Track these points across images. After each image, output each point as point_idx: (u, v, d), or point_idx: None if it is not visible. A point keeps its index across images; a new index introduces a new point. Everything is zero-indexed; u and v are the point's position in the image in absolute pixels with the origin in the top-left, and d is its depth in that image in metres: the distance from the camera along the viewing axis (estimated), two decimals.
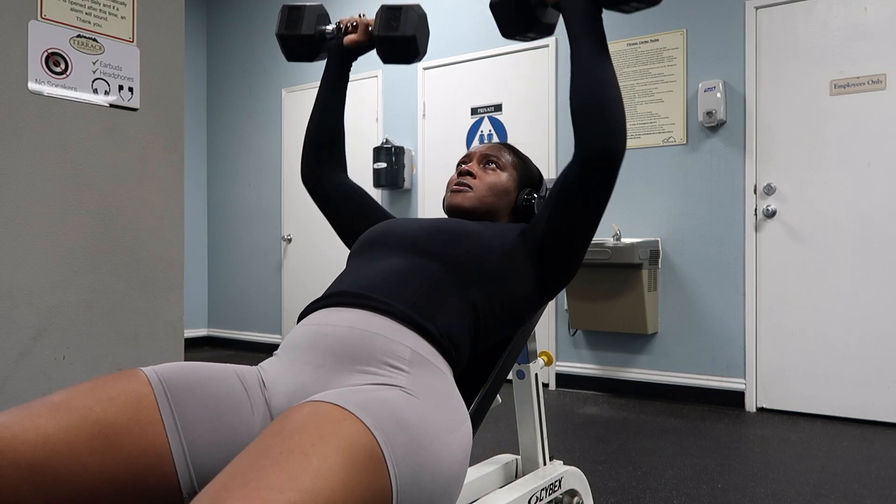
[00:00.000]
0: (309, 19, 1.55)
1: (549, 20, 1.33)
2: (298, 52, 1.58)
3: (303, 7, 1.56)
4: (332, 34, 1.56)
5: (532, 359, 1.73)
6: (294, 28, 1.55)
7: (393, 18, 1.45)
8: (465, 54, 4.58)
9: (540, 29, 1.32)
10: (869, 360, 3.31)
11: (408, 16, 1.45)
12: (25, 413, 0.86)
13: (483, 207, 1.39)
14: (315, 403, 0.86)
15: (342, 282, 1.19)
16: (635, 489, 2.39)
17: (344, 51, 1.54)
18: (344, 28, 1.55)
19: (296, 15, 1.56)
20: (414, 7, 1.46)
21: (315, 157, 1.55)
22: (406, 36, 1.44)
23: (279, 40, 1.58)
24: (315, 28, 1.55)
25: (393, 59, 1.50)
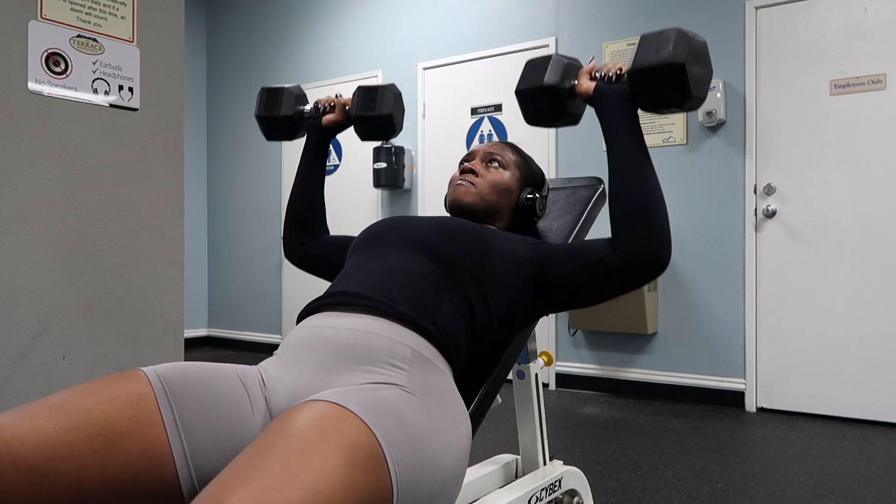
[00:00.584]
0: (287, 101, 1.59)
1: (578, 111, 1.30)
2: (278, 132, 1.62)
3: (281, 89, 1.60)
4: (310, 114, 1.61)
5: (532, 359, 1.73)
6: (273, 109, 1.59)
7: (370, 98, 1.49)
8: (465, 54, 4.58)
9: (567, 119, 1.30)
10: (869, 359, 3.31)
11: (384, 96, 1.49)
12: (25, 414, 0.86)
13: (484, 205, 1.39)
14: (315, 402, 0.86)
15: (342, 281, 1.19)
16: (635, 489, 2.39)
17: (322, 130, 1.58)
18: (322, 108, 1.59)
19: (275, 97, 1.60)
20: (389, 87, 1.50)
21: (298, 236, 1.59)
22: (383, 115, 1.48)
23: (258, 121, 1.62)
24: (293, 109, 1.59)
25: (370, 136, 1.54)
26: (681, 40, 1.09)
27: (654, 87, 1.12)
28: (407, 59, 4.84)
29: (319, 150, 1.59)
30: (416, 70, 4.79)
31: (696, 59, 1.09)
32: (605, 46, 4.02)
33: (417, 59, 4.79)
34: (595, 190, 1.66)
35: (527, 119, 1.31)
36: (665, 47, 1.09)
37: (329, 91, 5.24)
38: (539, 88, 1.24)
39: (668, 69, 1.08)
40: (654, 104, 1.14)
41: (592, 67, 1.25)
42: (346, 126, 1.58)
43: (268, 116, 1.60)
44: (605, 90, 1.20)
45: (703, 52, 1.11)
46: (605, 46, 4.03)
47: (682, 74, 1.08)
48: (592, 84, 1.23)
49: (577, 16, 4.14)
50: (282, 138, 1.63)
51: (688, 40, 1.09)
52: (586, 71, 1.25)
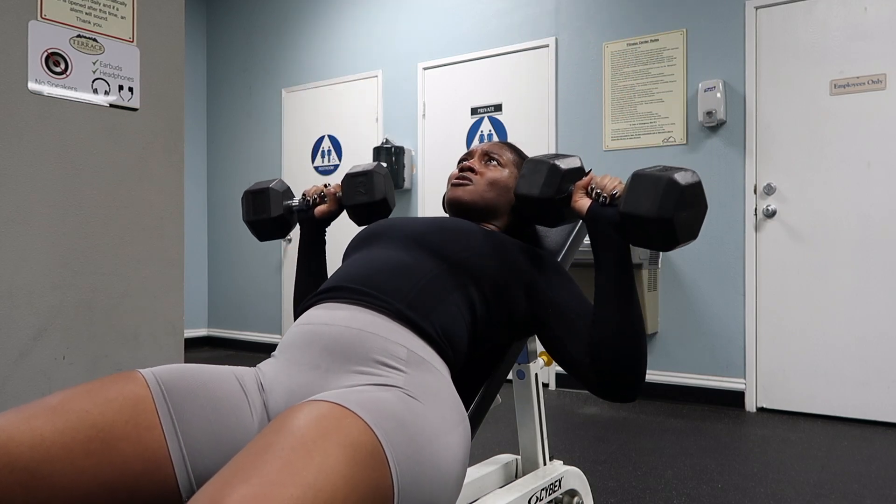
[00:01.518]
0: (274, 201, 1.55)
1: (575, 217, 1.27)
2: (270, 233, 1.59)
3: (266, 190, 1.56)
4: (299, 207, 1.57)
5: (532, 358, 1.73)
6: (262, 213, 1.56)
7: (361, 185, 1.47)
8: (464, 54, 4.58)
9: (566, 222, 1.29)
10: (869, 359, 3.31)
11: (374, 180, 1.46)
12: (22, 415, 0.85)
13: (483, 202, 1.38)
14: (315, 403, 0.86)
15: (339, 276, 1.18)
16: (635, 489, 2.39)
17: (317, 222, 1.55)
18: (311, 201, 1.56)
19: (261, 199, 1.56)
20: (377, 170, 1.47)
21: None
22: (377, 200, 1.46)
23: (249, 226, 1.59)
24: (282, 207, 1.56)
25: (365, 221, 1.52)
26: (670, 191, 1.05)
27: (641, 232, 1.09)
28: (407, 59, 4.84)
29: (317, 241, 1.57)
30: (416, 70, 4.79)
31: (686, 208, 1.06)
32: (605, 46, 4.02)
33: (417, 59, 4.79)
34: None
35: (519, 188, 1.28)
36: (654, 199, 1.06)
37: (331, 91, 5.24)
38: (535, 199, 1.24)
39: (657, 223, 1.06)
40: (643, 244, 1.13)
41: (590, 181, 1.21)
42: (338, 214, 1.56)
43: (257, 220, 1.56)
44: (597, 215, 1.16)
45: (695, 195, 1.07)
46: (605, 46, 4.03)
47: (670, 227, 1.06)
48: (587, 203, 1.18)
49: (577, 16, 4.14)
50: (275, 237, 1.60)
51: (678, 190, 1.05)
52: (582, 185, 1.21)
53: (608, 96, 4.02)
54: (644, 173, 1.09)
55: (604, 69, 4.04)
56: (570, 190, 1.22)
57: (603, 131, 4.04)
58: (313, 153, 5.33)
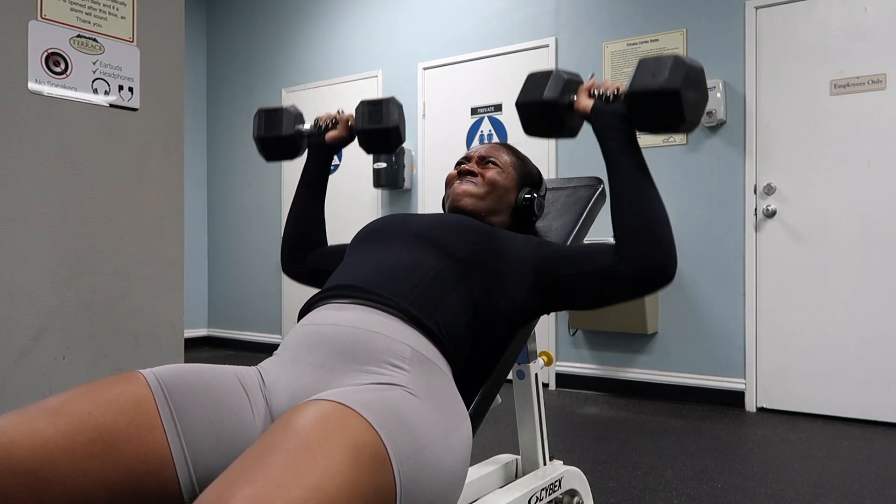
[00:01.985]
0: (287, 120, 1.56)
1: (576, 125, 1.31)
2: (278, 152, 1.60)
3: (280, 109, 1.57)
4: (310, 132, 1.58)
5: (532, 359, 1.73)
6: (272, 130, 1.57)
7: (375, 112, 1.49)
8: (465, 54, 4.58)
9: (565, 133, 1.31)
10: (869, 359, 3.31)
11: (388, 109, 1.48)
12: (23, 417, 0.85)
13: (484, 207, 1.39)
14: (319, 402, 0.86)
15: (343, 274, 1.18)
16: (635, 489, 2.39)
17: (326, 147, 1.56)
18: (323, 125, 1.57)
19: (273, 117, 1.57)
20: (391, 100, 1.49)
21: (297, 252, 1.57)
22: (390, 127, 1.48)
23: (258, 143, 1.59)
24: (293, 128, 1.57)
25: (375, 149, 1.53)
26: (677, 67, 1.10)
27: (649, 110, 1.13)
28: (407, 59, 4.84)
29: (322, 169, 1.57)
30: (416, 70, 4.79)
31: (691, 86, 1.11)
32: (605, 46, 4.02)
33: (417, 59, 4.79)
34: (595, 190, 1.66)
35: (526, 130, 1.33)
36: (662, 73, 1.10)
37: (331, 92, 5.24)
38: (538, 102, 1.25)
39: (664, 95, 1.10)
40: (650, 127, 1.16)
41: (592, 85, 1.25)
42: (349, 141, 1.56)
43: (268, 137, 1.57)
44: (602, 109, 1.21)
45: (699, 78, 1.13)
46: (605, 46, 4.03)
47: (678, 100, 1.09)
48: (590, 102, 1.23)
49: (577, 16, 4.14)
50: (282, 158, 1.60)
51: (684, 67, 1.10)
52: (585, 88, 1.26)
53: None
54: (650, 56, 1.15)
55: (604, 69, 4.04)
56: (572, 98, 1.26)
57: None
58: None
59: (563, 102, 1.25)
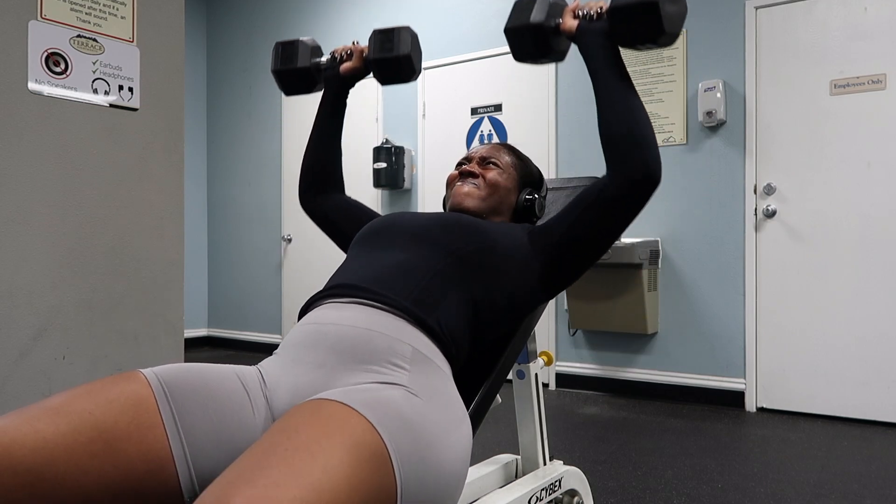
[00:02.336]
0: (303, 53, 1.57)
1: (563, 48, 1.36)
2: (296, 85, 1.61)
3: (296, 42, 1.58)
4: (326, 65, 1.59)
5: (532, 359, 1.73)
6: (289, 63, 1.58)
7: (387, 41, 1.49)
8: (465, 54, 4.58)
9: (553, 56, 1.36)
10: (869, 359, 3.31)
11: (400, 37, 1.48)
12: (24, 417, 0.85)
13: (485, 207, 1.40)
14: (319, 402, 0.86)
15: (344, 273, 1.19)
16: (635, 489, 2.39)
17: (341, 80, 1.57)
18: (339, 57, 1.58)
19: (290, 50, 1.58)
20: (405, 28, 1.49)
21: (314, 186, 1.58)
22: (401, 55, 1.48)
23: (275, 76, 1.61)
24: (310, 61, 1.58)
25: (390, 79, 1.53)
26: None
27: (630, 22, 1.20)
28: None
29: (338, 102, 1.58)
30: None
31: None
32: None
33: None
34: None
35: (515, 56, 1.37)
36: None
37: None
38: (526, 26, 1.30)
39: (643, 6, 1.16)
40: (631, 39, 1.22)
41: (576, 6, 1.31)
42: (365, 73, 1.57)
43: (285, 70, 1.58)
44: (586, 28, 1.27)
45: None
46: None
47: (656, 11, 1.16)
48: (575, 23, 1.29)
49: None
50: (301, 91, 1.61)
51: None
52: (570, 9, 1.32)
53: None
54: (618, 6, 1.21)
55: None
56: (558, 21, 1.32)
57: None
58: None
59: (549, 25, 1.30)
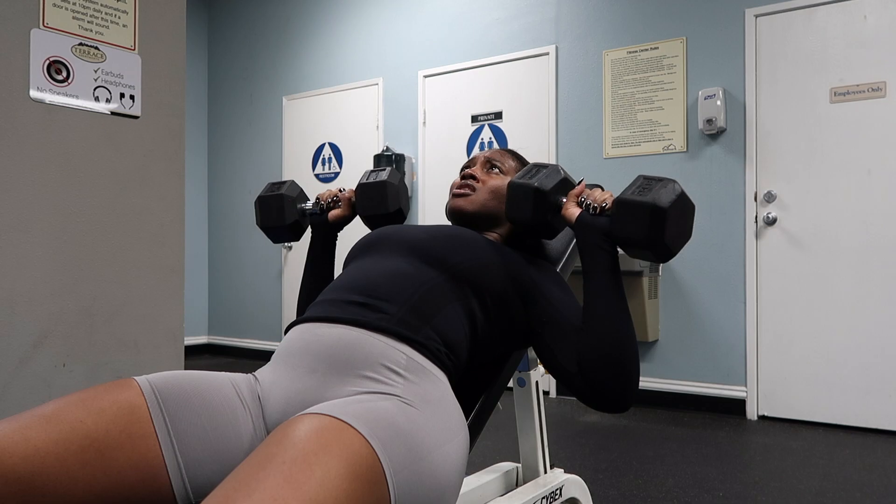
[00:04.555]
0: (288, 207, 1.54)
1: (557, 226, 1.27)
2: (284, 237, 1.59)
3: (280, 196, 1.54)
4: (312, 210, 1.56)
5: (533, 366, 1.73)
6: (276, 220, 1.55)
7: (376, 197, 1.47)
8: (465, 62, 4.59)
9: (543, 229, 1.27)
10: (870, 367, 3.31)
11: (388, 192, 1.45)
12: (15, 425, 0.85)
13: (484, 212, 1.38)
14: (313, 416, 0.86)
15: (337, 286, 1.17)
16: (636, 497, 2.38)
17: (329, 226, 1.54)
18: (325, 205, 1.55)
19: (275, 205, 1.55)
20: (390, 179, 1.46)
21: None
22: (392, 212, 1.46)
23: (263, 230, 1.58)
24: (295, 213, 1.55)
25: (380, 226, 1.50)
26: (670, 191, 1.09)
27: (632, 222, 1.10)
28: (407, 67, 4.85)
29: (328, 246, 1.55)
30: (417, 77, 4.80)
31: (680, 214, 1.09)
32: (606, 54, 4.03)
33: (418, 67, 4.81)
34: None
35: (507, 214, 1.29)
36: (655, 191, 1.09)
37: (331, 99, 5.25)
38: (529, 189, 1.23)
39: (650, 210, 1.07)
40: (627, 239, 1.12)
41: (581, 192, 1.23)
42: (352, 219, 1.55)
43: (272, 227, 1.56)
44: (587, 222, 1.17)
45: (689, 213, 1.12)
46: (605, 54, 4.04)
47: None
48: (577, 212, 1.20)
49: (577, 24, 4.16)
50: (288, 240, 1.60)
51: (678, 194, 1.09)
52: (574, 194, 1.23)
53: (608, 104, 4.03)
54: (626, 200, 1.11)
55: (604, 77, 4.05)
56: (560, 202, 1.24)
57: (603, 139, 4.04)
58: (314, 161, 5.34)
59: (551, 200, 1.23)
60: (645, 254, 1.12)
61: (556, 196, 1.24)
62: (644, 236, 1.09)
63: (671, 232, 1.08)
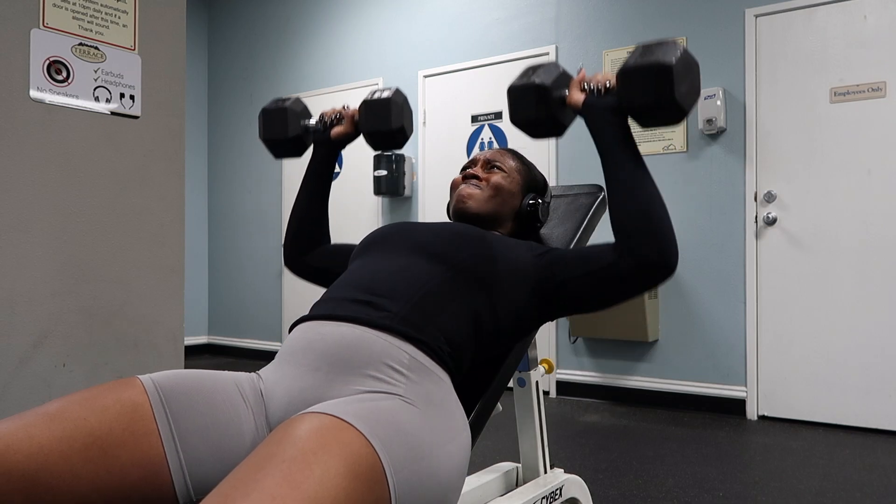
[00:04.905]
0: (292, 120, 1.54)
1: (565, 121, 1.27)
2: (285, 152, 1.58)
3: (284, 109, 1.54)
4: (315, 127, 1.56)
5: (533, 366, 1.73)
6: (278, 132, 1.55)
7: (379, 113, 1.45)
8: (465, 62, 4.59)
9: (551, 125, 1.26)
10: (870, 367, 3.31)
11: (392, 109, 1.44)
12: (20, 423, 0.86)
13: (487, 211, 1.38)
14: (313, 415, 0.86)
15: (340, 288, 1.17)
16: (636, 497, 2.38)
17: (332, 143, 1.54)
18: (329, 121, 1.55)
19: (278, 118, 1.54)
20: (395, 98, 1.45)
21: (300, 248, 1.56)
22: (394, 129, 1.45)
23: (265, 143, 1.58)
24: (299, 127, 1.55)
25: (382, 147, 1.50)
26: (673, 48, 1.09)
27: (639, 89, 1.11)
28: (407, 67, 4.85)
29: (328, 165, 1.55)
30: (417, 77, 4.80)
31: (685, 69, 1.09)
32: (606, 54, 4.03)
33: (418, 67, 4.81)
34: (595, 197, 1.66)
35: (513, 118, 1.29)
36: (657, 52, 1.10)
37: (331, 99, 5.25)
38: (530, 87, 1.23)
39: (656, 70, 1.08)
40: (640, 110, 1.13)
41: (582, 78, 1.24)
42: (354, 137, 1.54)
43: (274, 140, 1.56)
44: (593, 103, 1.19)
45: (694, 68, 1.11)
46: (605, 54, 4.04)
47: (668, 76, 1.07)
48: (582, 96, 1.22)
49: (577, 24, 4.16)
50: (290, 156, 1.59)
51: (680, 50, 1.09)
52: (576, 82, 1.25)
53: None
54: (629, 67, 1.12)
55: None
56: (564, 94, 1.24)
57: None
58: None
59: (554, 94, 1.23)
60: (658, 117, 1.12)
61: (558, 89, 1.23)
62: (653, 99, 1.10)
63: (680, 89, 1.08)
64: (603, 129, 1.17)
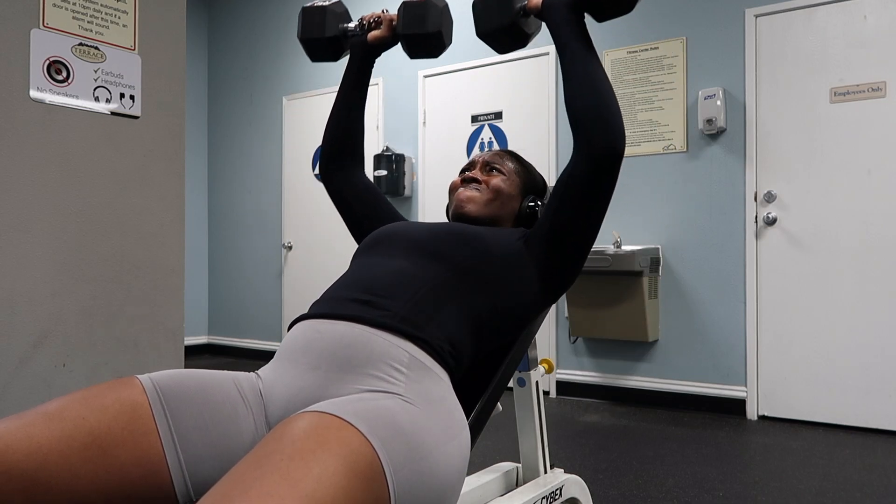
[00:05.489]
0: (330, 21, 1.52)
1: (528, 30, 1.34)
2: (322, 54, 1.56)
3: (323, 8, 1.53)
4: (354, 31, 1.54)
5: (533, 366, 1.73)
6: (316, 31, 1.53)
7: (417, 16, 1.44)
8: (465, 62, 4.59)
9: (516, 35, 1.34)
10: (870, 367, 3.31)
11: (431, 12, 1.43)
12: (19, 423, 0.86)
13: (487, 215, 1.39)
14: (313, 414, 0.86)
15: (341, 288, 1.17)
16: (636, 497, 2.38)
17: (368, 48, 1.52)
18: (367, 24, 1.53)
19: (317, 18, 1.53)
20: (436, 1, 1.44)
21: (333, 156, 1.54)
22: (432, 32, 1.43)
23: (302, 44, 1.56)
24: (337, 28, 1.53)
25: (419, 54, 1.49)
26: None
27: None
28: (408, 67, 4.85)
29: (364, 70, 1.54)
30: (417, 77, 4.80)
31: None
32: (606, 54, 4.04)
33: (418, 67, 4.81)
34: None
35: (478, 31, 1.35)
36: None
37: (331, 100, 5.25)
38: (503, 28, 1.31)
39: None
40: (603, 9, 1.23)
41: None
42: (393, 44, 1.52)
43: (311, 39, 1.53)
44: (550, 3, 1.27)
45: None
46: (605, 54, 4.04)
47: None
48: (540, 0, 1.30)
49: None
50: (327, 59, 1.57)
51: None
52: None
53: None
54: None
55: None
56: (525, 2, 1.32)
57: None
58: (314, 161, 5.34)
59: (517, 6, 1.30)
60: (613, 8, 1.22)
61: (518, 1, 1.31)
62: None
63: None
64: (560, 26, 1.26)
